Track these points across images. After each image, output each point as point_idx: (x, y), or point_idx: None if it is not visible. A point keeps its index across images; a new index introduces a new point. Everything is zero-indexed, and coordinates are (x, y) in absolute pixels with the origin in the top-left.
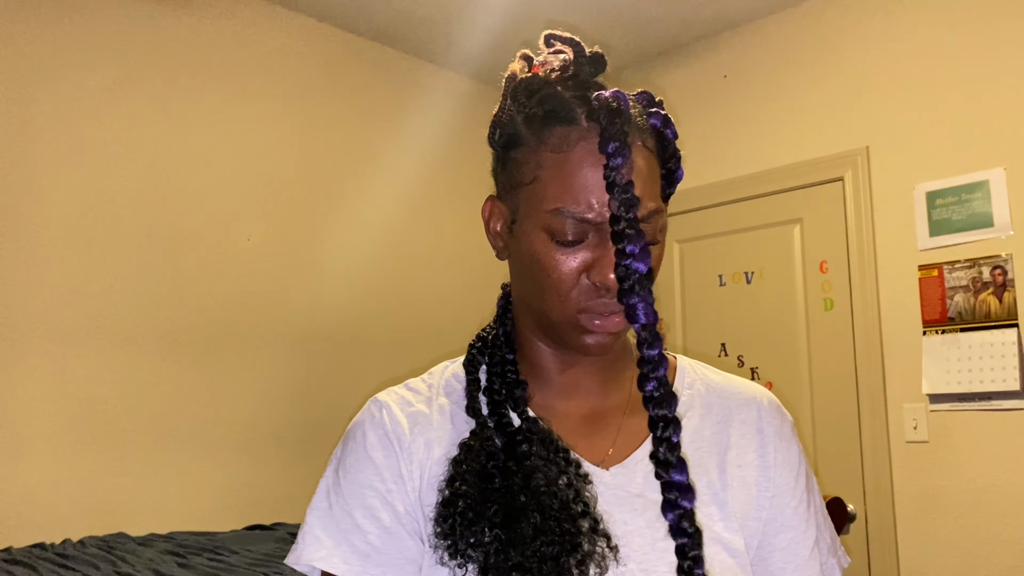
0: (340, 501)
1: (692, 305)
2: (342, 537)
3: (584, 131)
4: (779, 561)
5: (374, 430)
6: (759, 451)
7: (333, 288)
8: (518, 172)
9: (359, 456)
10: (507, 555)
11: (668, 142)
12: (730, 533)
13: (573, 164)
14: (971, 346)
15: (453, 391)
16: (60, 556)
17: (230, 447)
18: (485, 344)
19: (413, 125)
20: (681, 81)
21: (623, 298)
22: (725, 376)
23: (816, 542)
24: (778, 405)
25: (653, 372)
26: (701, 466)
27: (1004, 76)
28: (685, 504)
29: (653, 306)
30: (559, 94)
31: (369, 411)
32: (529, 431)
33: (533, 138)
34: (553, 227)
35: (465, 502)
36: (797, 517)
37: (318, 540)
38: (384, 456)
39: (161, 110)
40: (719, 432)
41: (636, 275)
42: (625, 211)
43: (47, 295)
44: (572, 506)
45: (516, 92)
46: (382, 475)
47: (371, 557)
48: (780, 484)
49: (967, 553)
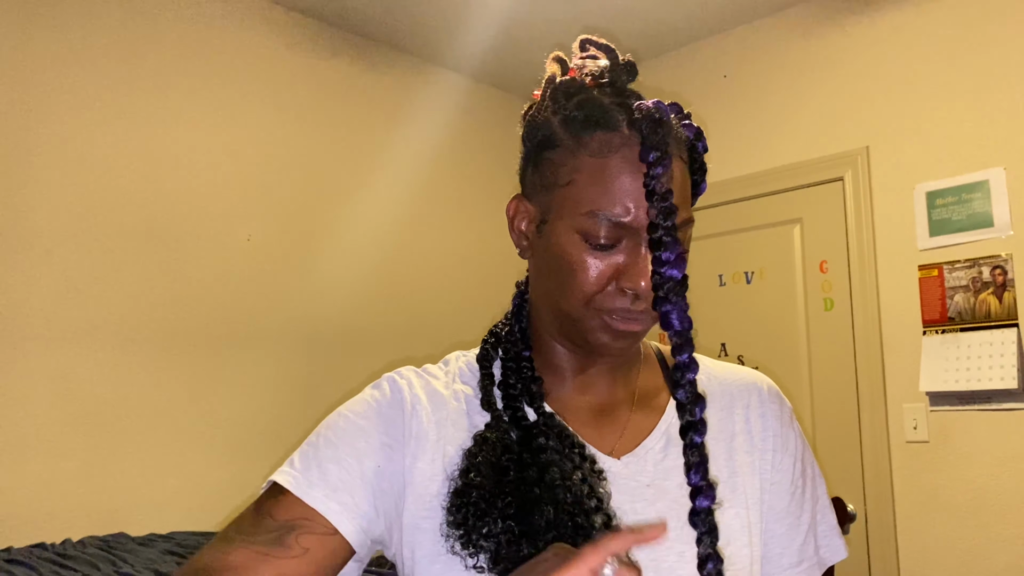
0: (329, 434)
1: (692, 305)
2: (316, 463)
3: (625, 138)
4: (777, 547)
5: (392, 390)
6: (761, 436)
7: (333, 288)
8: (553, 173)
9: (368, 405)
10: (519, 546)
11: (698, 155)
12: (739, 520)
13: (612, 170)
14: (971, 346)
15: (468, 380)
16: (60, 556)
17: (230, 447)
18: (499, 340)
19: (413, 125)
20: (681, 81)
21: (657, 305)
22: (723, 365)
23: (811, 526)
24: (777, 390)
25: (684, 378)
26: (711, 454)
27: (1004, 76)
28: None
29: (687, 312)
30: (599, 99)
31: (391, 377)
32: (545, 425)
33: (571, 141)
34: (587, 229)
35: (479, 493)
36: (795, 503)
37: (291, 463)
38: (395, 414)
39: (161, 110)
40: (724, 419)
41: (671, 282)
42: (663, 219)
43: (47, 295)
44: (586, 501)
45: (555, 94)
46: (388, 430)
47: (339, 492)
48: (780, 470)
49: (967, 553)
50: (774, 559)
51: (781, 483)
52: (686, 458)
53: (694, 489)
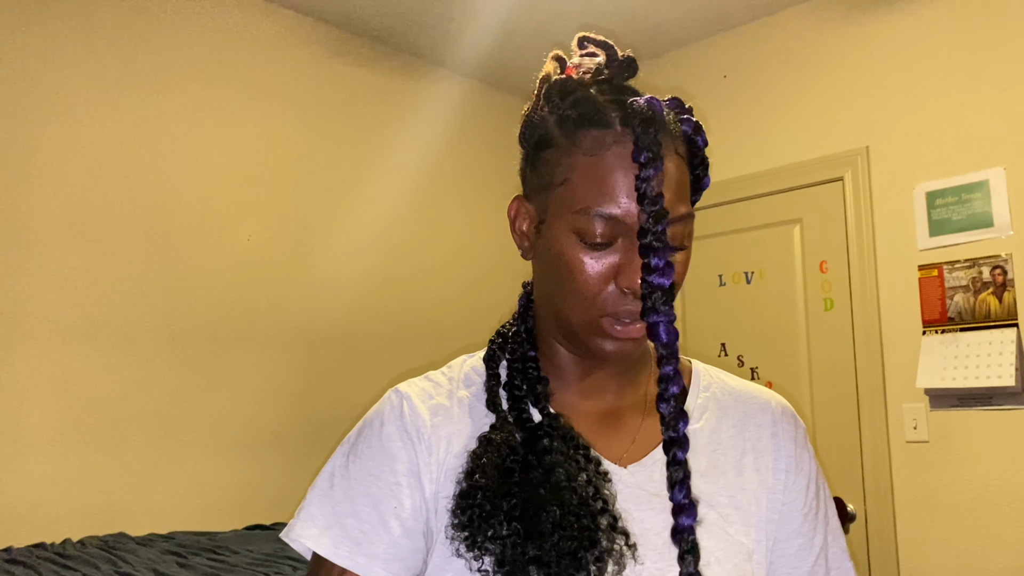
0: (344, 484)
1: (692, 305)
2: (336, 519)
3: (618, 135)
4: (786, 567)
5: (393, 421)
6: (773, 456)
7: (333, 288)
8: (549, 173)
9: (373, 445)
10: (524, 548)
11: (698, 149)
12: (746, 536)
13: (606, 167)
14: (971, 346)
15: (473, 384)
16: (60, 556)
17: (230, 447)
18: (505, 340)
19: (413, 125)
20: (681, 81)
21: (645, 316)
22: (740, 381)
23: (823, 548)
24: (792, 412)
25: (668, 391)
26: (718, 468)
27: (1004, 76)
28: (684, 522)
29: (674, 324)
30: (593, 97)
31: (389, 400)
32: (550, 427)
33: (566, 140)
34: (582, 228)
35: (484, 495)
36: (807, 525)
37: (312, 518)
38: (400, 448)
39: (162, 109)
40: (736, 435)
41: (659, 291)
42: (653, 223)
43: (47, 295)
44: (592, 503)
45: (550, 93)
46: (394, 467)
47: (361, 545)
48: (793, 491)
49: (967, 553)
50: None
51: (794, 503)
52: (669, 474)
53: (677, 507)
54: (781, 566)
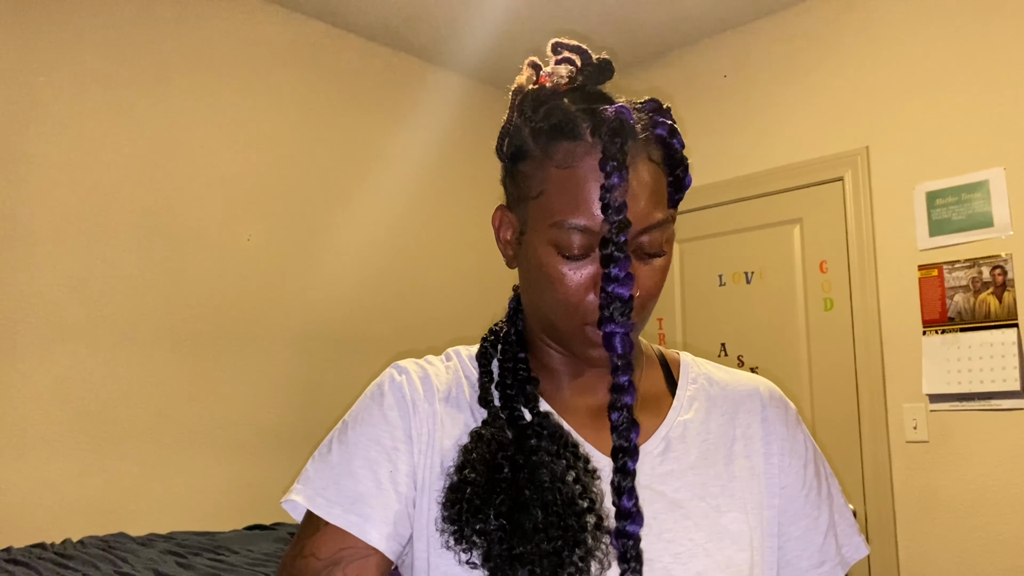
0: (342, 448)
1: (692, 305)
2: (333, 480)
3: (589, 146)
4: (795, 550)
5: (393, 392)
6: (764, 440)
7: (333, 288)
8: (525, 185)
9: (372, 411)
10: (510, 545)
11: (675, 151)
12: (739, 524)
13: (577, 179)
14: (971, 346)
15: (470, 374)
16: (60, 556)
17: (230, 447)
18: (498, 338)
19: (413, 125)
20: (681, 81)
21: (602, 325)
22: (727, 370)
23: (831, 526)
24: (780, 395)
25: (620, 400)
26: (709, 458)
27: (1004, 76)
28: (630, 529)
29: (629, 335)
30: (565, 108)
31: (390, 374)
32: (540, 425)
33: (539, 152)
34: (559, 240)
35: (473, 490)
36: (809, 505)
37: (308, 480)
38: (399, 416)
39: (162, 109)
40: (725, 424)
41: (617, 301)
42: (615, 234)
43: (47, 295)
44: (578, 501)
45: (523, 104)
46: (393, 433)
47: (356, 504)
48: (789, 473)
49: (967, 553)
50: (793, 562)
51: (792, 486)
52: (617, 482)
53: (623, 512)
54: (790, 549)
